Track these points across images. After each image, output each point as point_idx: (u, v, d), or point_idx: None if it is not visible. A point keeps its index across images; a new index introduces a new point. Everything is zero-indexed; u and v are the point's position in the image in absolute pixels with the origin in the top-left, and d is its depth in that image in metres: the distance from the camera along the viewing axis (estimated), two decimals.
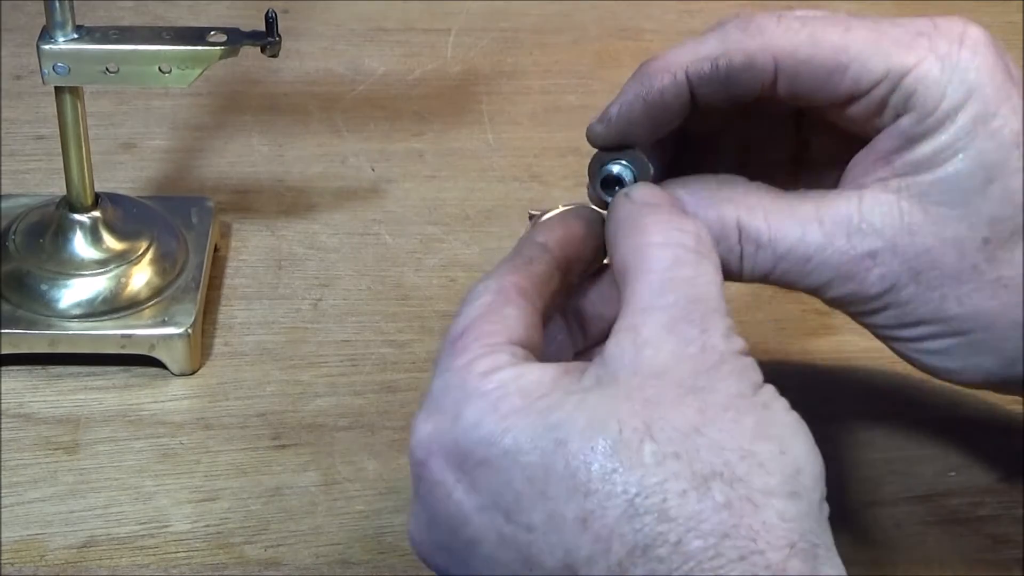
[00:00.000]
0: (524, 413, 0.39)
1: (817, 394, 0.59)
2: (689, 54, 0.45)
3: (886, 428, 0.58)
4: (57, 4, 0.54)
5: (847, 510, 0.54)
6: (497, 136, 0.74)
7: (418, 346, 0.61)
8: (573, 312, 0.47)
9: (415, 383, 0.59)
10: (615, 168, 0.46)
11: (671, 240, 0.42)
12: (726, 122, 0.49)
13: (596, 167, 0.47)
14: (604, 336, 0.47)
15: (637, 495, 0.37)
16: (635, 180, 0.46)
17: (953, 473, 0.56)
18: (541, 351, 0.43)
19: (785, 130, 0.50)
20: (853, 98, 0.45)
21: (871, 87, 0.44)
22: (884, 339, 0.48)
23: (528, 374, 0.40)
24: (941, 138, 0.44)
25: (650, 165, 0.47)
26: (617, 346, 0.40)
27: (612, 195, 0.46)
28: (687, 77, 0.45)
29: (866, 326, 0.48)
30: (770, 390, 0.40)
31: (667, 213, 0.44)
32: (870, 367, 0.54)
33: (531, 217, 0.59)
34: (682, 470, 0.37)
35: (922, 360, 0.47)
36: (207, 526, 0.52)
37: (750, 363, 0.40)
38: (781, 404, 0.40)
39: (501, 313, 0.42)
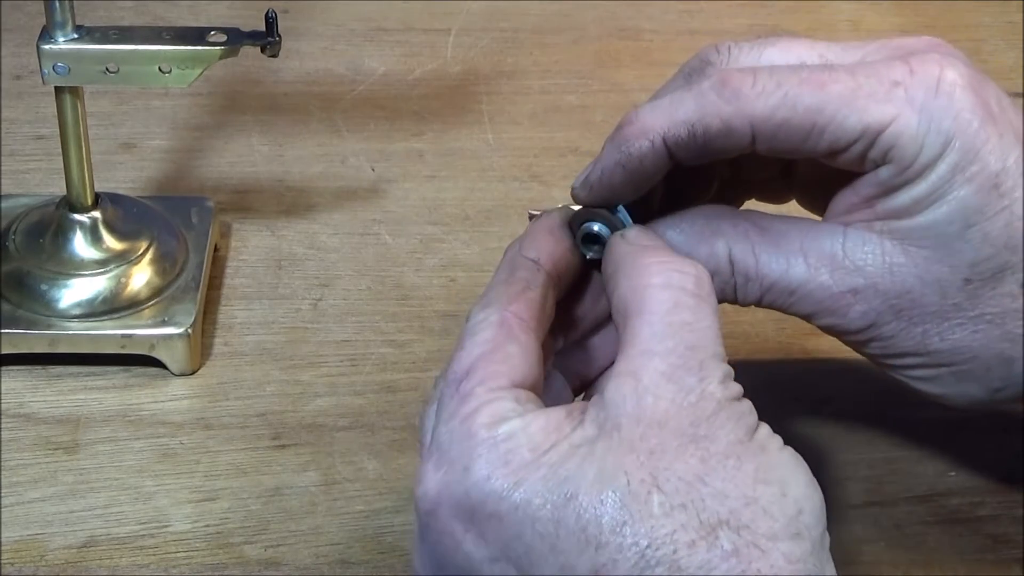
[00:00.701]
0: (534, 467, 0.39)
1: (817, 394, 0.59)
2: (665, 118, 0.45)
3: (886, 428, 0.58)
4: (57, 4, 0.54)
5: (847, 510, 0.54)
6: (497, 136, 0.74)
7: (418, 346, 0.61)
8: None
9: (415, 383, 0.59)
10: (595, 226, 0.47)
11: (672, 282, 0.42)
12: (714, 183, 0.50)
13: (577, 223, 0.48)
14: (582, 336, 0.48)
15: (648, 547, 0.37)
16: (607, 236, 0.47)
17: (953, 473, 0.56)
18: (543, 385, 0.44)
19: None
20: (832, 154, 0.45)
21: (848, 145, 0.44)
22: (876, 364, 0.49)
23: (534, 423, 0.40)
24: (920, 187, 0.44)
25: (627, 223, 0.47)
26: (618, 391, 0.40)
27: (591, 251, 0.47)
28: (664, 143, 0.45)
29: (859, 353, 0.49)
30: (765, 431, 0.41)
31: (666, 254, 0.44)
32: (870, 367, 0.54)
33: (531, 217, 0.59)
34: (690, 520, 0.38)
35: (910, 384, 0.48)
36: (207, 526, 0.52)
37: (746, 407, 0.41)
38: (776, 444, 0.40)
39: (504, 351, 0.42)
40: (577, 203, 0.48)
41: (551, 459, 0.39)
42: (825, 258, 0.46)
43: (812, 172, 0.49)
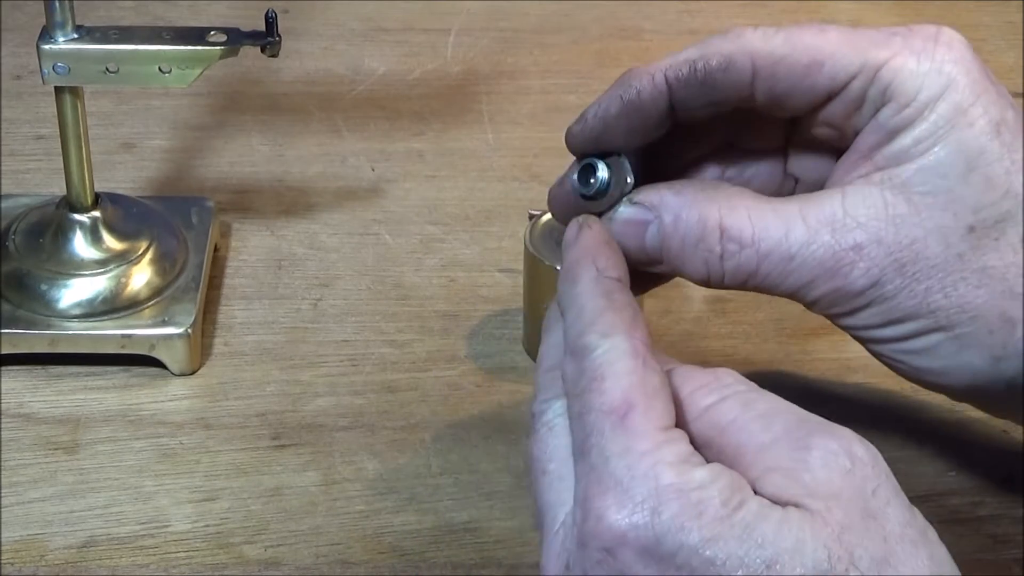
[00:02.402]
0: (728, 524, 0.38)
1: (817, 394, 0.59)
2: (669, 59, 0.46)
3: (886, 428, 0.57)
4: (57, 4, 0.54)
5: None
6: (497, 136, 0.74)
7: (418, 346, 0.61)
8: None
9: (415, 383, 0.59)
10: (600, 173, 0.46)
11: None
12: (712, 146, 0.49)
13: (574, 173, 0.47)
14: None
15: None
16: (609, 179, 0.46)
17: (953, 473, 0.56)
18: None
19: (770, 165, 0.50)
20: (831, 96, 0.45)
21: (848, 80, 0.45)
22: (867, 341, 0.48)
23: (722, 478, 0.39)
24: (921, 128, 0.44)
25: (628, 172, 0.47)
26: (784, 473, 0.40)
27: (586, 188, 0.46)
28: (666, 80, 0.45)
29: (848, 328, 0.47)
30: (919, 512, 0.40)
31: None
32: (870, 367, 0.54)
33: (531, 217, 0.59)
34: None
35: (907, 361, 0.47)
36: (207, 526, 0.52)
37: (893, 476, 0.40)
38: (934, 535, 0.40)
39: (652, 385, 0.41)
40: (569, 143, 0.47)
41: (744, 518, 0.38)
42: (825, 219, 0.45)
43: (812, 167, 0.49)
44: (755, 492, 0.39)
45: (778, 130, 0.49)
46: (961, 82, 0.44)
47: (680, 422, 0.41)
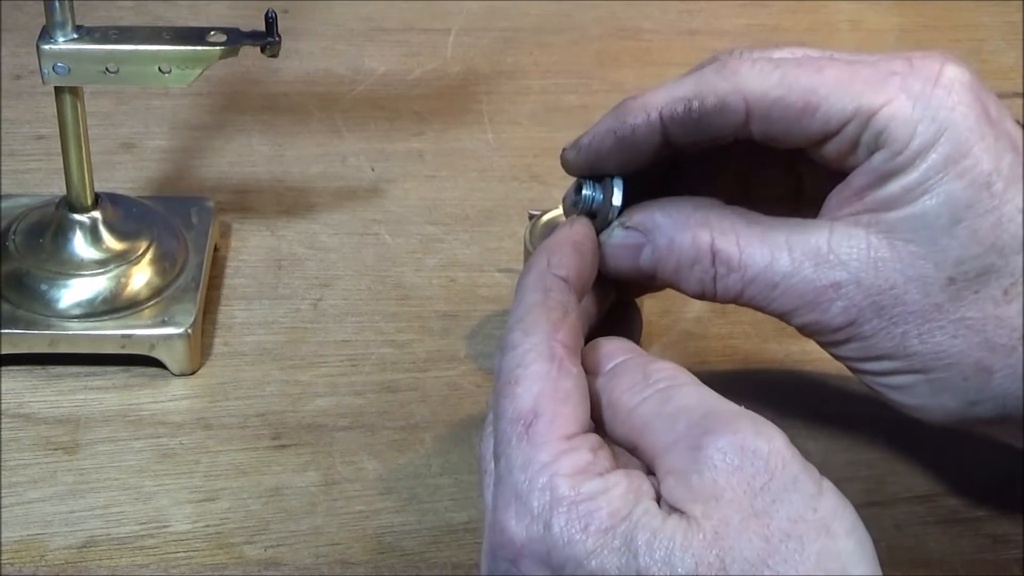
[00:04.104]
0: (611, 536, 0.38)
1: (817, 395, 0.59)
2: (665, 95, 0.46)
3: (886, 428, 0.57)
4: (57, 4, 0.54)
5: None
6: (497, 136, 0.74)
7: (418, 346, 0.61)
8: None
9: (415, 383, 0.59)
10: (584, 191, 0.48)
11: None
12: (722, 162, 0.50)
13: (572, 188, 0.49)
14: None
15: None
16: (594, 198, 0.48)
17: (953, 473, 0.56)
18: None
19: (779, 168, 0.50)
20: (826, 138, 0.45)
21: (841, 126, 0.44)
22: (852, 370, 0.48)
23: (618, 487, 0.39)
24: (911, 176, 0.44)
25: (614, 194, 0.48)
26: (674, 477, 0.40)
27: (575, 207, 0.48)
28: (660, 118, 0.46)
29: (834, 356, 0.48)
30: (829, 501, 0.39)
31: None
32: None
33: (531, 217, 0.60)
34: None
35: (886, 394, 0.48)
36: (207, 526, 0.52)
37: (797, 464, 0.39)
38: (842, 525, 0.39)
39: (564, 389, 0.41)
40: (564, 166, 0.49)
41: (627, 529, 0.38)
42: (810, 252, 0.45)
43: (820, 186, 0.48)
44: (660, 496, 0.39)
45: (785, 168, 0.50)
46: (956, 130, 0.44)
47: (608, 428, 0.42)
